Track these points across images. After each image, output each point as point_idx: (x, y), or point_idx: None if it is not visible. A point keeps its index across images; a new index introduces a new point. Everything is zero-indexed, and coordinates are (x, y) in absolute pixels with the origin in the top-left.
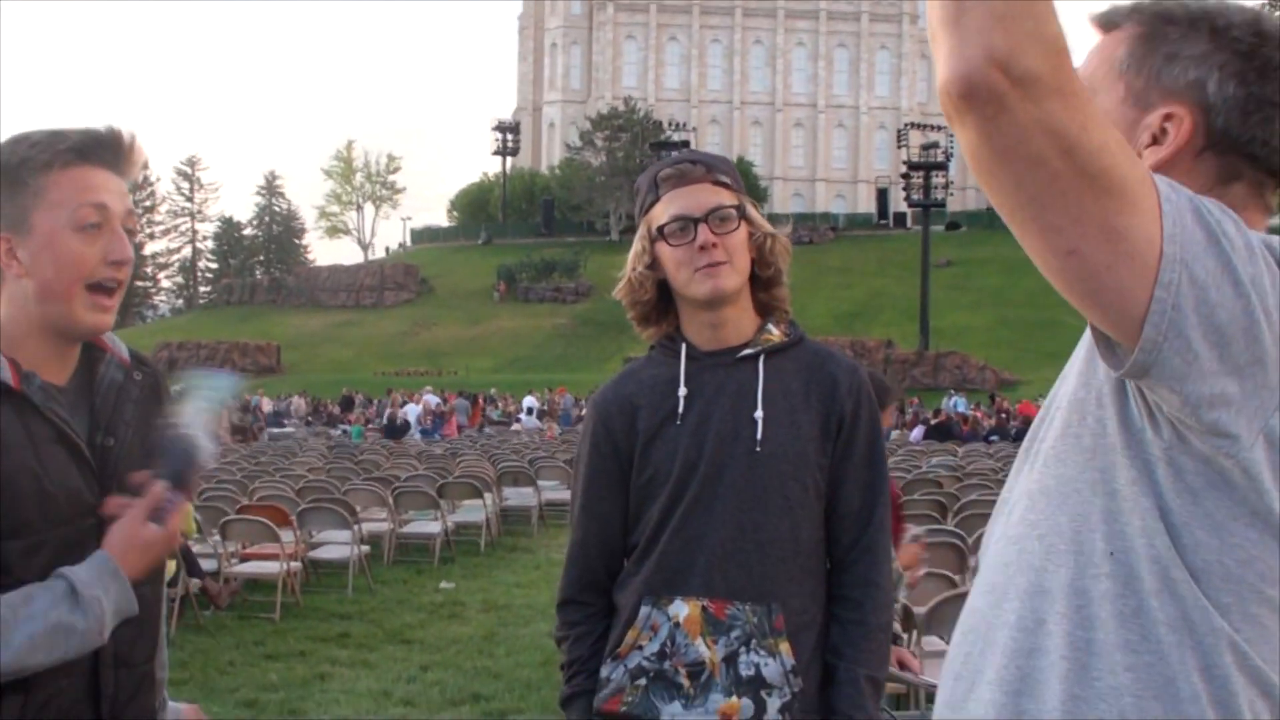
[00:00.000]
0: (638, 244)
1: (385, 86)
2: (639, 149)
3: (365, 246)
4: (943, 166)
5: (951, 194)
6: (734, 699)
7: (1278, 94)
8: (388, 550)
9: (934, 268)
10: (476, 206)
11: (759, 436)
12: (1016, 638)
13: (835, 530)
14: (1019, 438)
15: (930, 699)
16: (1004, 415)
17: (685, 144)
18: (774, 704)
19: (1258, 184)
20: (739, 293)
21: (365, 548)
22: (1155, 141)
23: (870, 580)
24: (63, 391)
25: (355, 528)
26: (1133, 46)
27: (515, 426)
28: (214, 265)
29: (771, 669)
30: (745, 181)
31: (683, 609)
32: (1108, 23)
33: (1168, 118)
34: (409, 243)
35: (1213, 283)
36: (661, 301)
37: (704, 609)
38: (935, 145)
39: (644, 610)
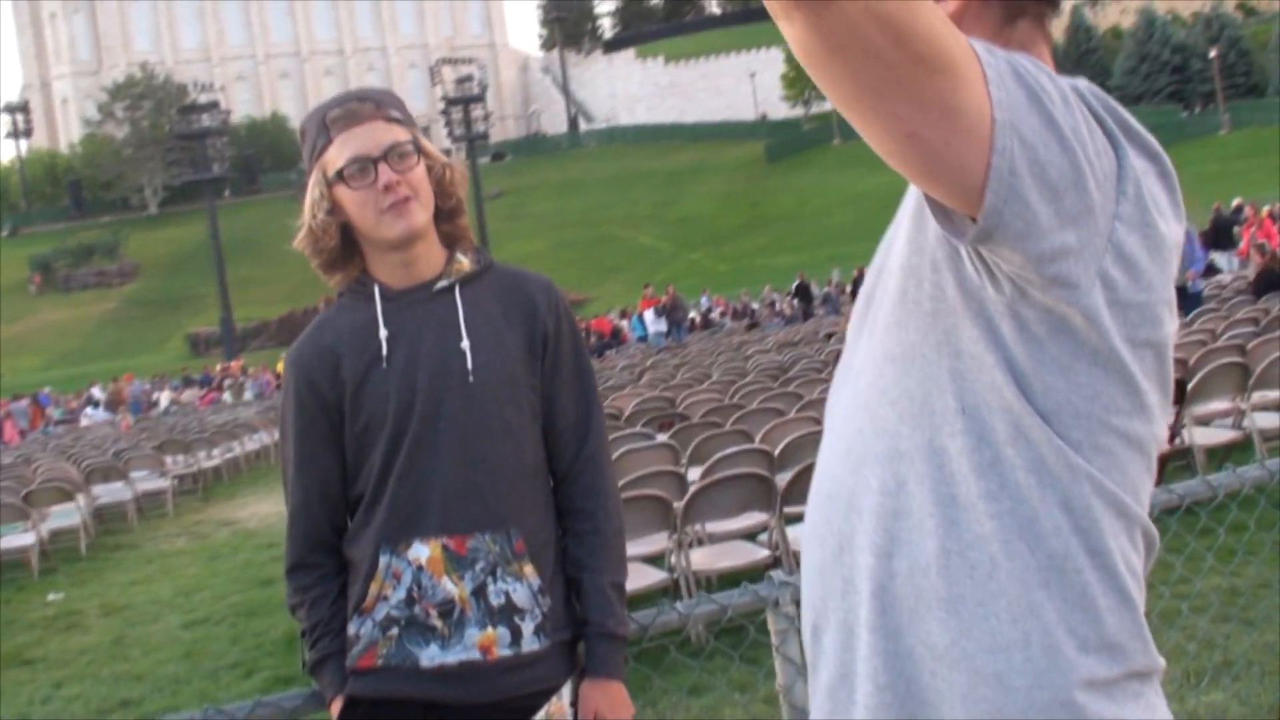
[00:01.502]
0: (314, 190)
1: None
2: (166, 116)
3: None
4: (479, 99)
5: (492, 125)
6: (490, 630)
7: None
8: None
9: (487, 200)
10: None
11: (470, 366)
12: (881, 502)
13: (555, 446)
14: (598, 352)
15: None
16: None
17: (214, 104)
18: (528, 627)
19: (1039, 16)
20: (427, 227)
21: None
22: None
23: (598, 488)
24: None
25: None
26: None
27: (84, 422)
28: None
29: (520, 593)
30: (282, 138)
31: (423, 551)
32: None
33: None
34: None
35: (1040, 141)
36: (345, 246)
37: (444, 547)
38: (470, 78)
39: (383, 560)
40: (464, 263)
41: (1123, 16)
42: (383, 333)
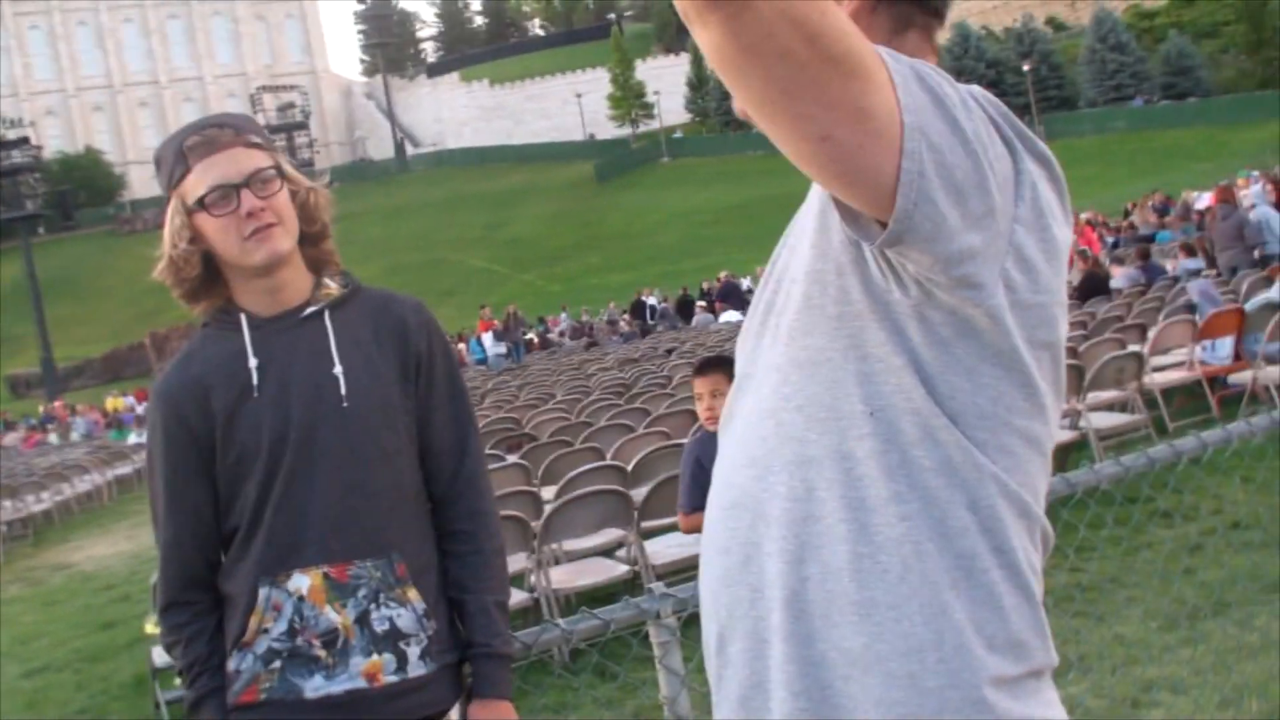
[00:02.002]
0: (174, 219)
1: None
2: None
3: None
4: (303, 126)
5: (317, 151)
6: (375, 657)
7: None
8: None
9: None
10: None
11: (343, 392)
12: (790, 508)
13: (432, 468)
14: None
15: None
16: None
17: (24, 140)
18: (414, 652)
19: (926, 27)
20: (292, 253)
21: None
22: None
23: (477, 509)
24: None
25: None
26: None
27: None
28: None
29: (405, 618)
30: (97, 172)
31: (303, 581)
32: None
33: None
34: None
35: (946, 145)
36: (207, 274)
37: (325, 575)
38: (292, 105)
39: (262, 592)
40: (331, 287)
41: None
42: (252, 362)
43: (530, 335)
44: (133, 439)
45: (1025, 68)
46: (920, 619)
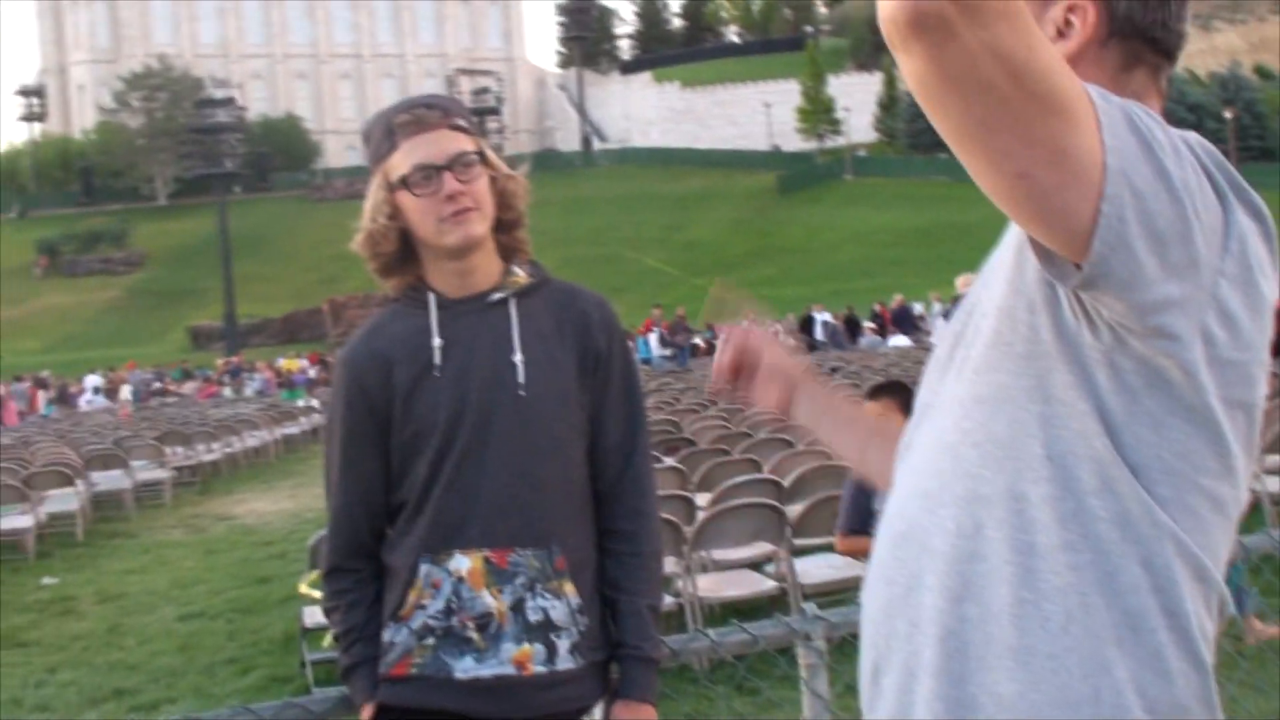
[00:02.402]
0: (376, 194)
1: None
2: (180, 108)
3: None
4: (495, 111)
5: (506, 138)
6: (525, 645)
7: None
8: None
9: None
10: (5, 177)
11: (521, 380)
12: (957, 544)
13: (600, 464)
14: None
15: None
16: None
17: (230, 100)
18: (564, 645)
19: (1155, 67)
20: (486, 238)
21: None
22: (1060, 35)
23: (640, 510)
24: None
25: None
26: None
27: (83, 408)
28: None
29: (559, 611)
30: (295, 138)
31: (464, 562)
32: None
33: (1071, 9)
34: None
35: (1150, 191)
36: (402, 251)
37: (486, 559)
38: (486, 90)
39: (423, 568)
40: (520, 275)
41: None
42: (436, 340)
43: (697, 340)
44: (301, 401)
45: (1227, 115)
46: (1079, 673)
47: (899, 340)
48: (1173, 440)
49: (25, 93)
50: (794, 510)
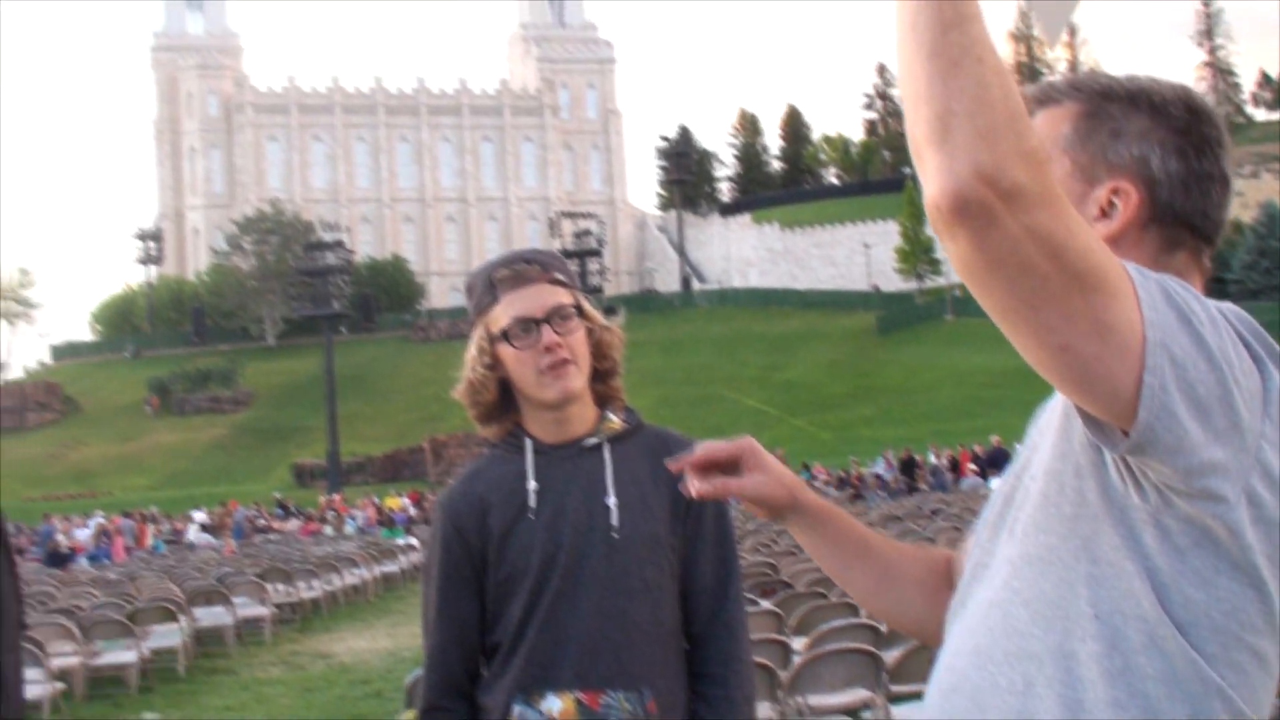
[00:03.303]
0: (475, 345)
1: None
2: (290, 251)
3: (0, 366)
4: (596, 253)
5: (606, 279)
6: None
7: (1213, 167)
8: (79, 685)
9: None
10: (121, 318)
11: (614, 523)
12: (1008, 701)
13: (692, 608)
14: None
15: None
16: None
17: (339, 243)
18: None
19: (1196, 250)
20: (583, 389)
21: (60, 684)
22: (1104, 215)
23: (732, 654)
24: None
25: (47, 664)
26: (1077, 123)
27: (188, 544)
28: None
29: None
30: (400, 279)
31: (556, 703)
32: (1046, 98)
33: (1115, 192)
34: (50, 360)
35: (1189, 360)
36: (502, 399)
37: (578, 701)
38: (588, 233)
39: (516, 709)
40: (615, 422)
41: (1243, 210)
42: (531, 485)
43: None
44: (401, 539)
45: None
46: None
47: (998, 482)
48: (1220, 598)
49: (143, 236)
50: (891, 656)
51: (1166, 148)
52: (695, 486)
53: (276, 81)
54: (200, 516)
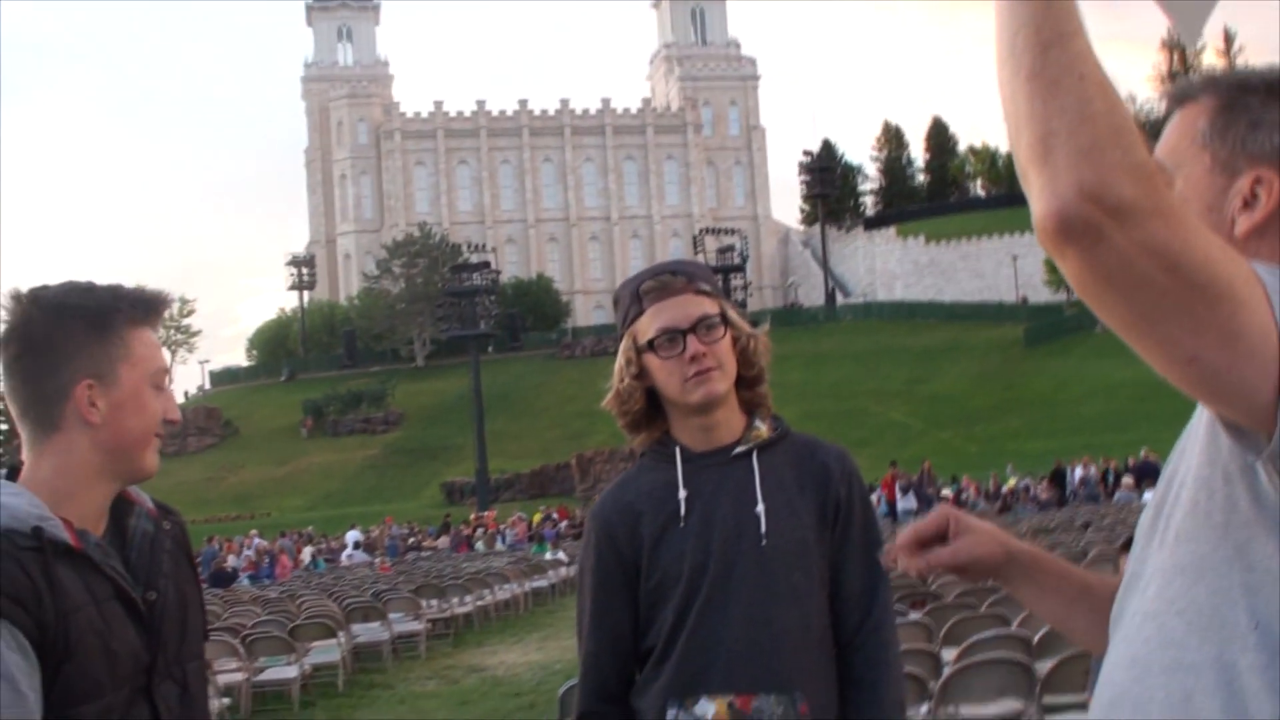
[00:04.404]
0: (623, 356)
1: (169, 225)
2: (438, 273)
3: None
4: (740, 269)
5: (750, 294)
6: None
7: None
8: (244, 700)
9: None
10: (276, 343)
11: (763, 530)
12: (1168, 711)
13: (841, 613)
14: None
15: None
16: None
17: (485, 264)
18: None
19: None
20: (729, 395)
21: (226, 700)
22: (1246, 205)
23: (881, 660)
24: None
25: (214, 680)
26: (1214, 118)
27: (344, 562)
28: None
29: None
30: (546, 299)
31: (709, 708)
32: (1183, 96)
33: (1257, 181)
34: (208, 385)
35: None
36: (649, 408)
37: (730, 705)
38: (731, 249)
39: (670, 713)
40: (762, 430)
41: None
42: (681, 493)
43: (946, 492)
44: (548, 555)
45: None
46: None
47: (1151, 495)
48: None
49: (295, 263)
50: (1043, 667)
51: None
52: (906, 564)
53: (423, 107)
54: (355, 535)
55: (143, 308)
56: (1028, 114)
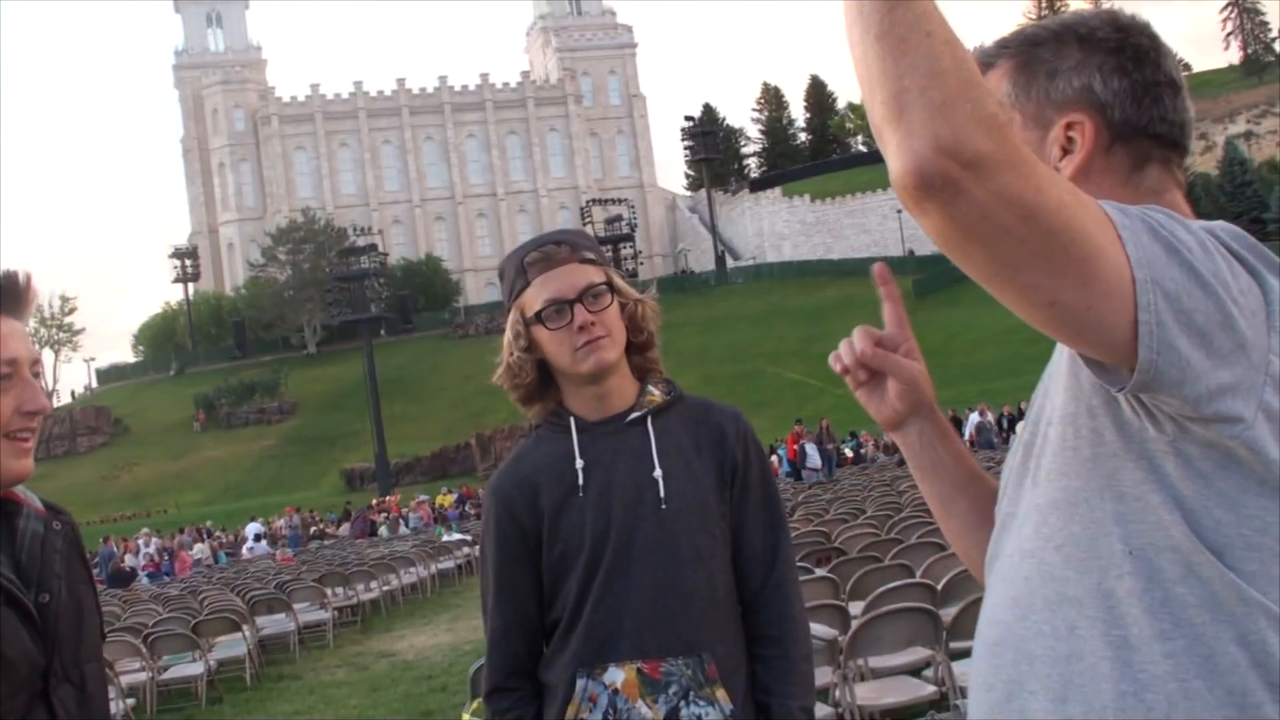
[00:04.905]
0: (512, 329)
1: (46, 222)
2: (325, 258)
3: (49, 394)
4: (629, 238)
5: (641, 263)
6: None
7: (1157, 73)
8: (149, 700)
9: None
10: (163, 337)
11: (662, 494)
12: (1053, 646)
13: (744, 572)
14: None
15: None
16: None
17: (372, 247)
18: None
19: (1165, 160)
20: (619, 362)
21: (131, 700)
22: (1065, 152)
23: (786, 615)
24: None
25: (117, 681)
26: (1015, 77)
27: (245, 555)
28: None
29: (713, 717)
30: (436, 278)
31: (618, 675)
32: (984, 65)
33: (1069, 126)
34: (96, 384)
35: (1183, 291)
36: (541, 380)
37: (639, 671)
38: (619, 218)
39: (579, 683)
40: (655, 394)
41: (1279, 150)
42: (579, 463)
43: (845, 450)
44: (455, 536)
45: None
46: None
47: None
48: (1250, 516)
49: (179, 254)
50: (949, 613)
51: (1105, 69)
52: (859, 342)
53: (300, 91)
54: (255, 528)
55: None
56: (879, 73)
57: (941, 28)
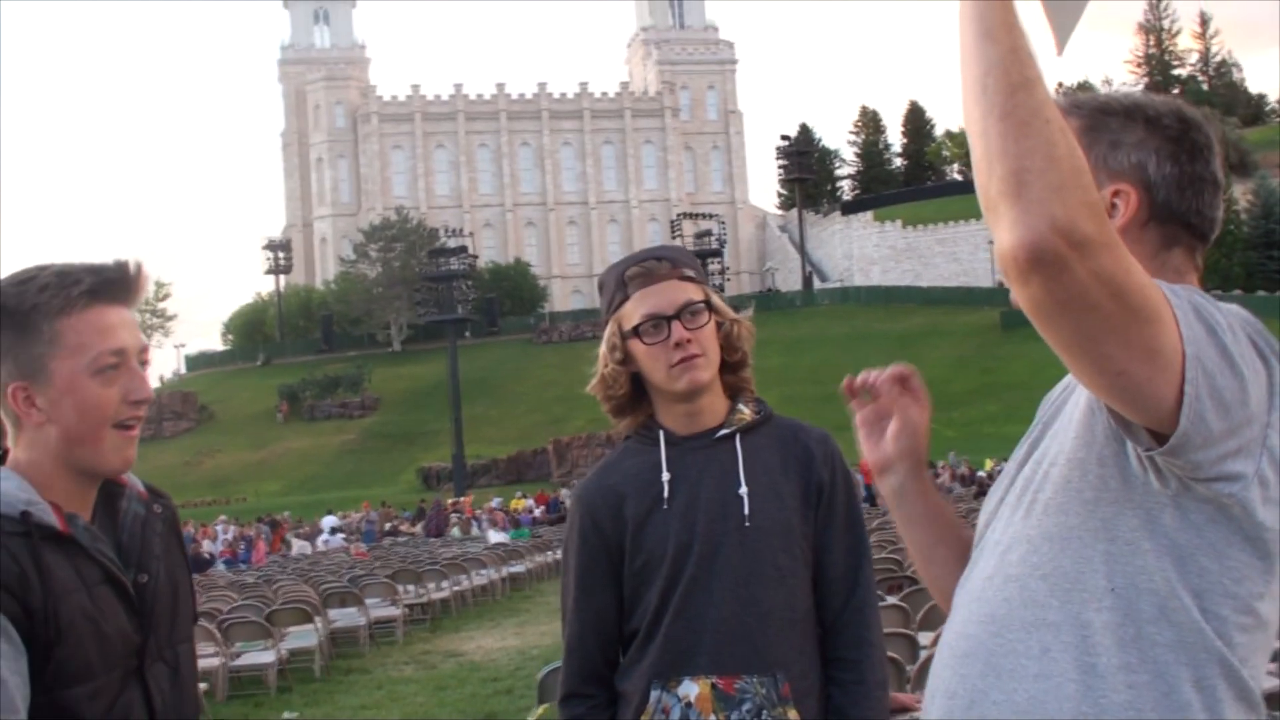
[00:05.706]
0: (608, 341)
1: (146, 209)
2: (415, 257)
3: None
4: (718, 253)
5: (728, 279)
6: None
7: (1205, 170)
8: (220, 686)
9: None
10: (253, 327)
11: (746, 512)
12: (1024, 664)
13: (825, 594)
14: None
15: None
16: None
17: (462, 248)
18: None
19: (1190, 248)
20: (713, 380)
21: (203, 685)
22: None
23: (864, 640)
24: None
25: None
26: (1080, 137)
27: (320, 547)
28: None
29: None
30: (523, 283)
31: (692, 689)
32: None
33: (1116, 194)
34: (184, 370)
35: (1217, 369)
36: (634, 393)
37: (713, 686)
38: (709, 233)
39: (654, 695)
40: (745, 413)
41: None
42: (665, 475)
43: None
44: (493, 539)
45: None
46: None
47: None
48: (1231, 567)
49: (272, 247)
50: None
51: (1161, 154)
52: (881, 383)
53: (401, 90)
54: (331, 520)
55: (90, 290)
56: (1000, 151)
57: (1057, 115)
